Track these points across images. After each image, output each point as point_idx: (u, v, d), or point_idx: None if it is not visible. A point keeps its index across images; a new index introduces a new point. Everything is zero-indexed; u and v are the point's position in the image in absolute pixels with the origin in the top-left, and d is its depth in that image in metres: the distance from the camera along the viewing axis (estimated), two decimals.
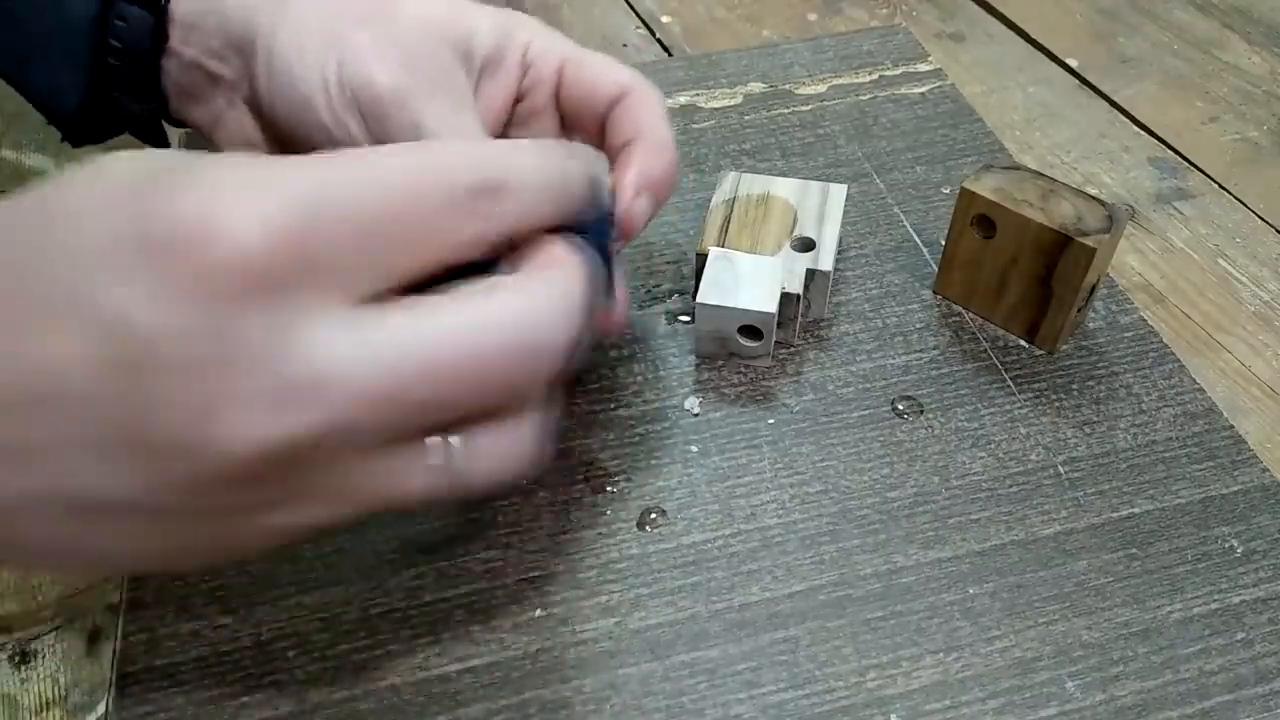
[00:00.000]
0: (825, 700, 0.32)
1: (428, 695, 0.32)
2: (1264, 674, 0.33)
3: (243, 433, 0.22)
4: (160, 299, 0.22)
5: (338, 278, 0.23)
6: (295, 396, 0.22)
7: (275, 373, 0.22)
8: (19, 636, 0.37)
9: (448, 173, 0.25)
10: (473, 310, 0.24)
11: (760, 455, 0.39)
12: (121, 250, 0.22)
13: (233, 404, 0.22)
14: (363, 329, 0.23)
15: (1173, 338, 0.45)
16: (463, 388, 0.24)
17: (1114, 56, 0.61)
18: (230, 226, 0.22)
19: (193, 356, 0.22)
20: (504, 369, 0.25)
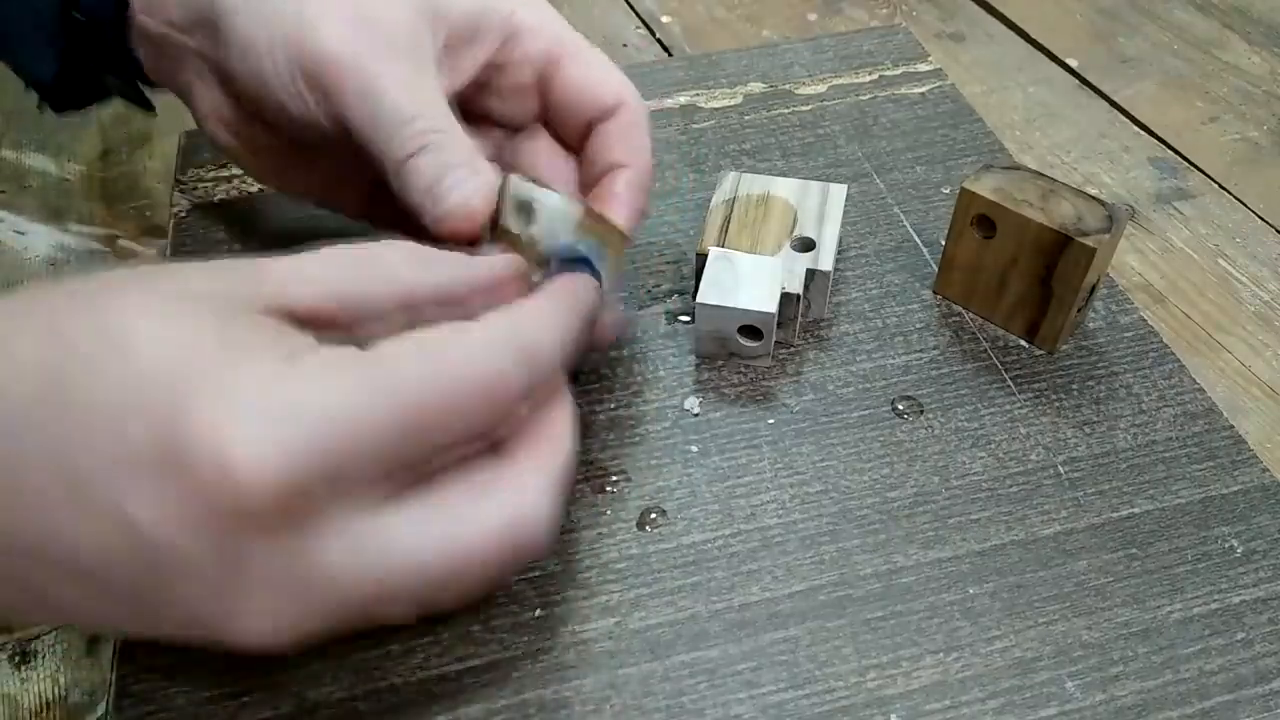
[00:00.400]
0: (825, 700, 0.32)
1: (428, 695, 0.32)
2: (1264, 674, 0.33)
3: (257, 635, 0.24)
4: (173, 518, 0.23)
5: (356, 490, 0.25)
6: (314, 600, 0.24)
7: (292, 584, 0.24)
8: (19, 636, 0.37)
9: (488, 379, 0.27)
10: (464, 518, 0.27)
11: (760, 455, 0.39)
12: (144, 466, 0.23)
13: (249, 614, 0.24)
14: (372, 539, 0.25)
15: (1173, 338, 0.45)
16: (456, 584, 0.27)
17: (1114, 56, 0.61)
18: (245, 457, 0.22)
19: (208, 575, 0.23)
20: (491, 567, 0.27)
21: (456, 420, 0.26)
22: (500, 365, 0.27)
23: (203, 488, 0.23)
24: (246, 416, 0.23)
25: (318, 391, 0.24)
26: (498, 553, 0.27)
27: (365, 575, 0.25)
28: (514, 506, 0.27)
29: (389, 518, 0.25)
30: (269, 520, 0.23)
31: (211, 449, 0.22)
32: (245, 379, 0.24)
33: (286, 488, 0.23)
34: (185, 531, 0.23)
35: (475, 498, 0.27)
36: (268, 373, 0.24)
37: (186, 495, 0.23)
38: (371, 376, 0.25)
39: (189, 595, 0.24)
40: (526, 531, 0.27)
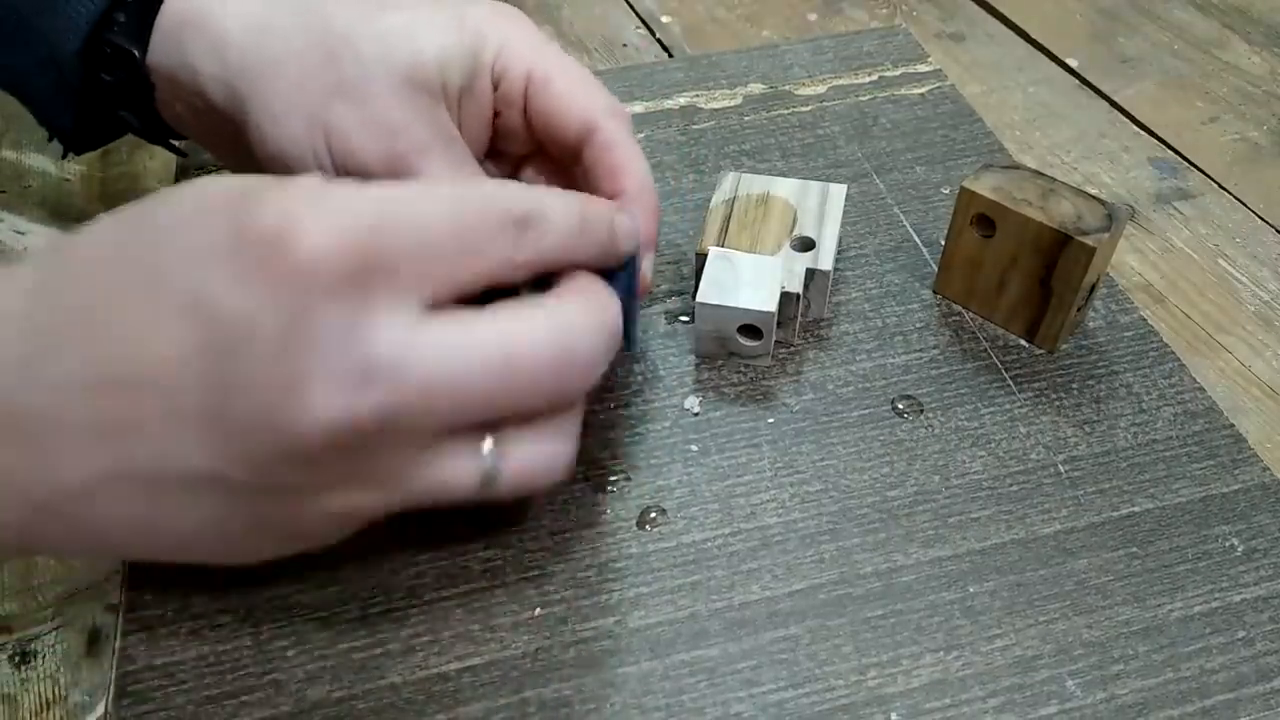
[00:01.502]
0: (825, 699, 0.32)
1: (427, 694, 0.32)
2: (1264, 672, 0.33)
3: (320, 409, 0.25)
4: (249, 290, 0.25)
5: (403, 281, 0.26)
6: (368, 379, 0.25)
7: (350, 357, 0.25)
8: (19, 636, 0.37)
9: (497, 202, 0.28)
10: (524, 319, 0.28)
11: (760, 454, 0.39)
12: (217, 250, 0.25)
13: (312, 383, 0.25)
14: (429, 327, 0.26)
15: (1173, 338, 0.45)
16: (515, 387, 0.27)
17: (1114, 56, 0.61)
18: (310, 230, 0.25)
19: (277, 340, 0.25)
20: (551, 373, 0.28)
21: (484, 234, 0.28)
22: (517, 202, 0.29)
23: (270, 255, 0.25)
24: (309, 202, 0.25)
25: (372, 194, 0.26)
26: (549, 360, 0.28)
27: (418, 359, 0.26)
28: (564, 321, 0.28)
29: (439, 319, 0.26)
30: (327, 284, 0.25)
31: (279, 226, 0.25)
32: (298, 184, 0.26)
33: (339, 255, 0.25)
34: (254, 297, 0.25)
35: (521, 312, 0.28)
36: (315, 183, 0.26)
37: (258, 266, 0.25)
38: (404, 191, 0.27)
39: (257, 374, 0.25)
40: (577, 347, 0.28)
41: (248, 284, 0.25)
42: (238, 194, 0.26)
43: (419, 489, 0.28)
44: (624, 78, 0.56)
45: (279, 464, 0.26)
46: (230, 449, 0.26)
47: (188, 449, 0.26)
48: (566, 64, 0.38)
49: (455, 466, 0.28)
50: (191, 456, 0.26)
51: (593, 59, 0.61)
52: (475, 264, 0.28)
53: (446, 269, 0.27)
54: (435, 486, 0.28)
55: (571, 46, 0.62)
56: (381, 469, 0.27)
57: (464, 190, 0.28)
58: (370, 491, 0.28)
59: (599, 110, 0.37)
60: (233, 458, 0.26)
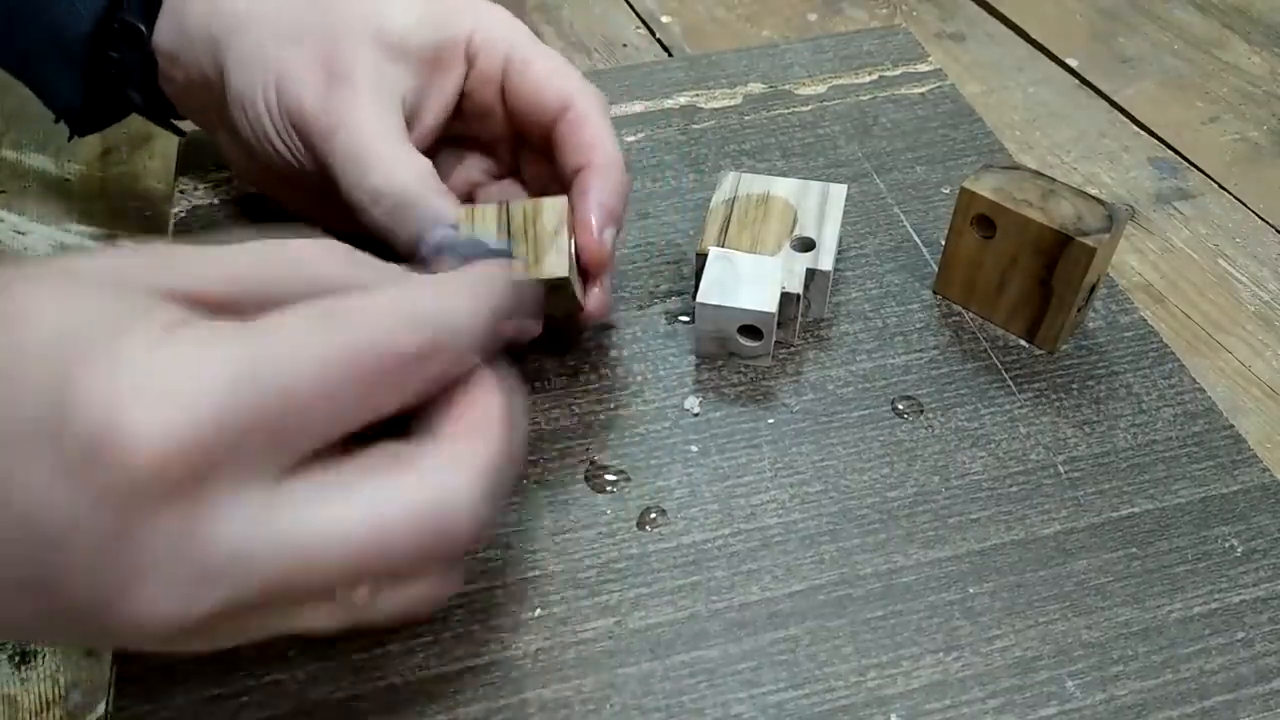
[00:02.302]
0: (825, 700, 0.32)
1: (428, 695, 0.32)
2: (1264, 673, 0.33)
3: (152, 613, 0.23)
4: (71, 500, 0.22)
5: (250, 465, 0.23)
6: (206, 580, 0.23)
7: (184, 563, 0.23)
8: None
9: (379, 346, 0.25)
10: (394, 486, 0.25)
11: (760, 455, 0.39)
12: (32, 438, 0.22)
13: (141, 592, 0.23)
14: (282, 503, 0.24)
15: (1173, 338, 0.45)
16: (368, 565, 0.25)
17: (1114, 56, 0.61)
18: (135, 435, 0.22)
19: (102, 551, 0.22)
20: (409, 549, 0.25)
21: (350, 387, 0.25)
22: (392, 332, 0.26)
23: (89, 461, 0.22)
24: (130, 389, 0.22)
25: (200, 361, 0.23)
26: (415, 533, 0.25)
27: (266, 550, 0.24)
28: (435, 486, 0.26)
29: (293, 493, 0.24)
30: (157, 492, 0.22)
31: (97, 422, 0.22)
32: (129, 351, 0.23)
33: (172, 459, 0.22)
34: (70, 506, 0.22)
35: (391, 475, 0.25)
36: (149, 344, 0.23)
37: (72, 468, 0.22)
38: (256, 345, 0.24)
39: (83, 574, 0.23)
40: (448, 513, 0.26)
41: (60, 491, 0.22)
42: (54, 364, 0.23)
43: (284, 631, 0.26)
44: (624, 78, 0.55)
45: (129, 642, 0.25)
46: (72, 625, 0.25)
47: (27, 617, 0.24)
48: (544, 49, 0.38)
49: (314, 618, 0.26)
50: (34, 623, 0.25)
51: (593, 59, 0.61)
52: (353, 418, 0.25)
53: (313, 433, 0.25)
54: (302, 630, 0.27)
55: (571, 46, 0.62)
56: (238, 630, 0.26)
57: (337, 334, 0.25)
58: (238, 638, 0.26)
59: (575, 89, 0.37)
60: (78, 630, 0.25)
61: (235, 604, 0.24)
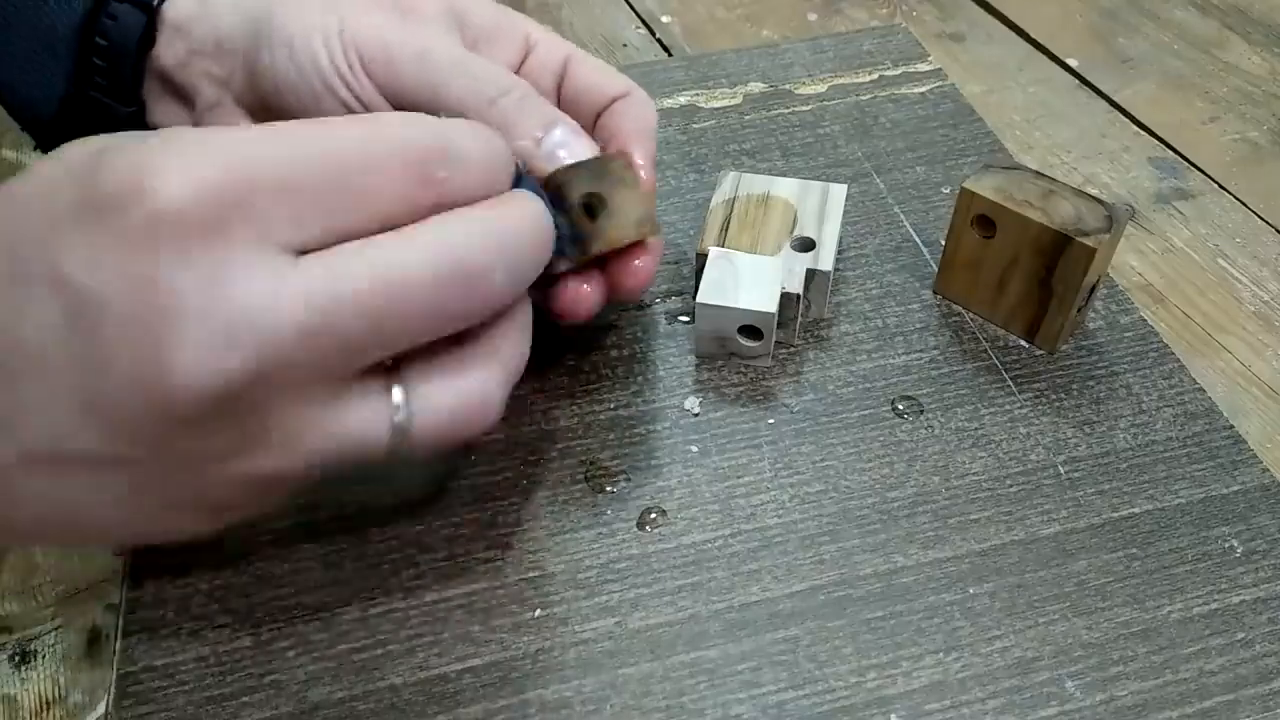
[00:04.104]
0: (825, 700, 0.32)
1: (428, 695, 0.32)
2: (1264, 674, 0.33)
3: (187, 374, 0.23)
4: (98, 257, 0.23)
5: (271, 227, 0.24)
6: (234, 336, 0.24)
7: (211, 315, 0.23)
8: (19, 636, 0.37)
9: (391, 141, 0.26)
10: (400, 243, 0.26)
11: (760, 455, 0.39)
12: (67, 217, 0.24)
13: (174, 349, 0.23)
14: (297, 270, 0.24)
15: (1173, 338, 0.45)
16: (398, 317, 0.26)
17: (1114, 56, 0.61)
18: (153, 183, 0.23)
19: (132, 307, 0.23)
20: (435, 295, 0.26)
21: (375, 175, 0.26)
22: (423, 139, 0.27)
23: (119, 213, 0.23)
24: (161, 150, 0.24)
25: (237, 133, 0.25)
26: (432, 281, 0.26)
27: (289, 304, 0.24)
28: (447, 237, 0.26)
29: (313, 259, 0.25)
30: (181, 234, 0.23)
31: (125, 181, 0.23)
32: (165, 134, 0.25)
33: (191, 199, 0.23)
34: (108, 266, 0.23)
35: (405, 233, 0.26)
36: (190, 132, 0.25)
37: (107, 227, 0.23)
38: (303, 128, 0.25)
39: (118, 345, 0.24)
40: (464, 261, 0.26)
41: (96, 249, 0.23)
42: (92, 153, 0.25)
43: (326, 446, 0.27)
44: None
45: (165, 435, 0.25)
46: (115, 426, 0.25)
47: (76, 430, 0.25)
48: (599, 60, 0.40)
49: (361, 418, 0.27)
50: (81, 438, 0.25)
51: None
52: (361, 206, 0.26)
53: (322, 211, 0.25)
54: (343, 442, 0.27)
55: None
56: (277, 427, 0.26)
57: (353, 128, 0.26)
58: (274, 453, 0.26)
59: (635, 86, 0.39)
60: (119, 434, 0.25)
61: (264, 366, 0.24)
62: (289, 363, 0.24)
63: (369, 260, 0.25)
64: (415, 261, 0.26)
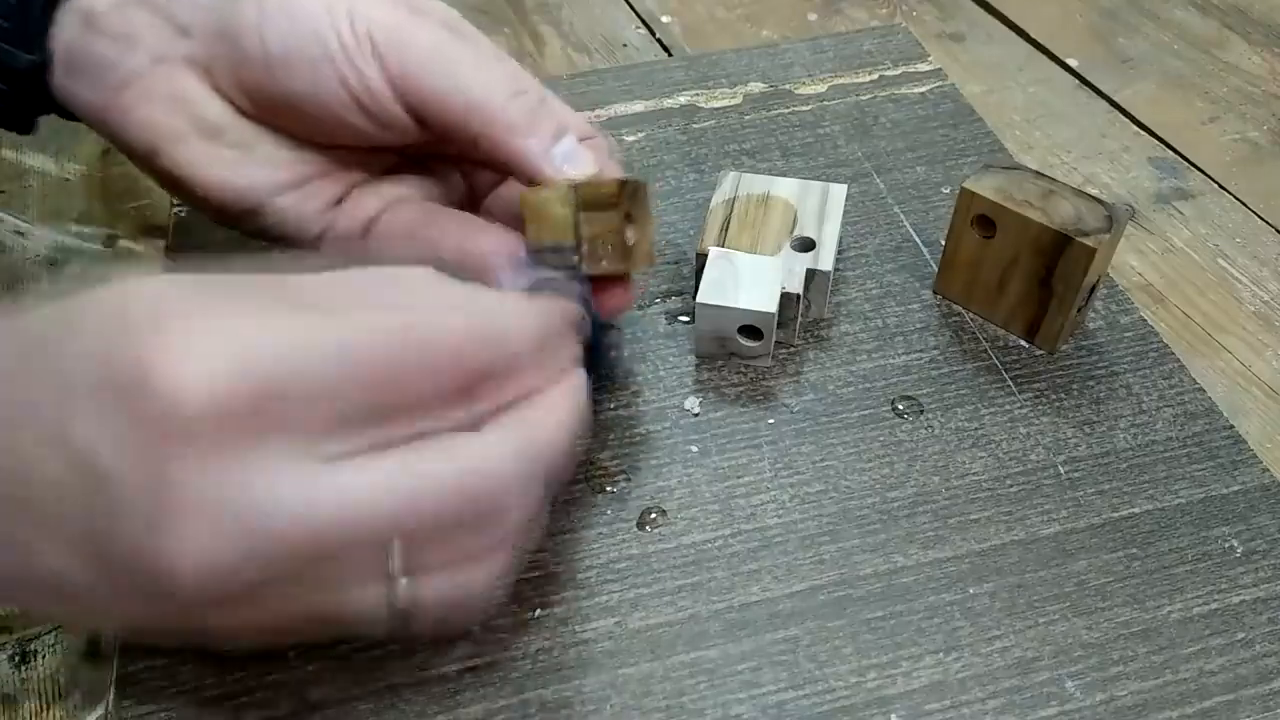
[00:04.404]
0: (825, 700, 0.32)
1: (428, 695, 0.32)
2: (1264, 674, 0.33)
3: (186, 558, 0.23)
4: (118, 441, 0.23)
5: (295, 428, 0.24)
6: (236, 529, 0.24)
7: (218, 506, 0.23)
8: (19, 636, 0.37)
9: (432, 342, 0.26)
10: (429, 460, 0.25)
11: (760, 455, 0.39)
12: (92, 391, 0.24)
13: (179, 533, 0.23)
14: (309, 474, 0.24)
15: (1173, 338, 0.45)
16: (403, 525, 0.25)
17: (1114, 56, 0.61)
18: (182, 374, 0.23)
19: (143, 492, 0.23)
20: (447, 511, 0.26)
21: (406, 371, 0.25)
22: (467, 331, 0.26)
23: (138, 403, 0.23)
24: (186, 337, 0.23)
25: (262, 322, 0.24)
26: (454, 495, 0.26)
27: (300, 505, 0.24)
28: (472, 459, 0.26)
29: (333, 460, 0.25)
30: (202, 439, 0.23)
31: (148, 366, 0.23)
32: (189, 308, 0.24)
33: (214, 406, 0.23)
34: (122, 449, 0.23)
35: (431, 454, 0.26)
36: (213, 305, 0.24)
37: (123, 412, 0.23)
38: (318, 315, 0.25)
39: (127, 510, 0.24)
40: (489, 478, 0.26)
41: (110, 431, 0.23)
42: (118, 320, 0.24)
43: (322, 623, 0.27)
44: (624, 77, 0.55)
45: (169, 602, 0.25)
46: (118, 584, 0.25)
47: (78, 574, 0.25)
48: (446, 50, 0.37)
49: (362, 604, 0.26)
50: (84, 578, 0.25)
51: (593, 59, 0.61)
52: (395, 419, 0.25)
53: (350, 422, 0.25)
54: (340, 621, 0.27)
55: (571, 46, 0.62)
56: (280, 606, 0.26)
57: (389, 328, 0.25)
58: (273, 623, 0.26)
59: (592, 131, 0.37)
60: (122, 592, 0.25)
61: (269, 560, 0.24)
62: (284, 564, 0.24)
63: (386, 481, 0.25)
64: (437, 487, 0.25)
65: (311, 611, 0.26)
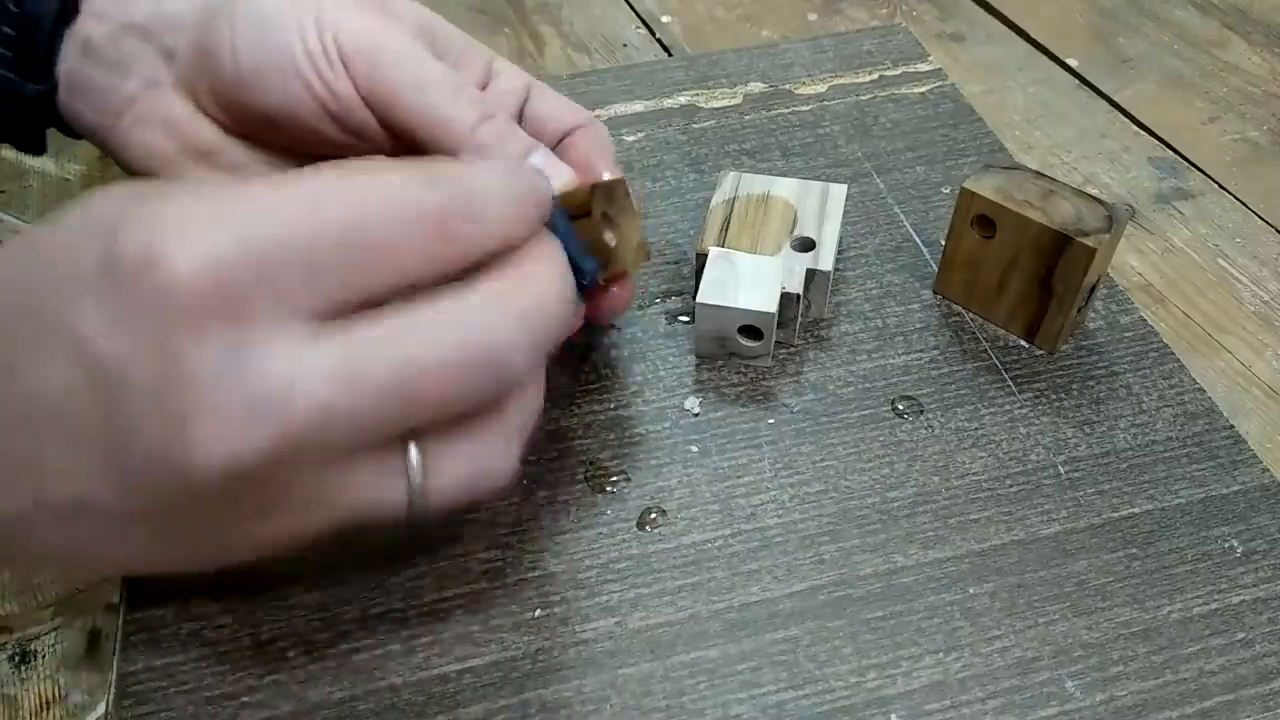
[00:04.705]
0: (825, 700, 0.32)
1: (428, 695, 0.32)
2: (1264, 674, 0.33)
3: (208, 448, 0.23)
4: (120, 325, 0.23)
5: (290, 299, 0.24)
6: (254, 412, 0.23)
7: (232, 391, 0.23)
8: (19, 636, 0.37)
9: (414, 200, 0.25)
10: (425, 320, 0.25)
11: (760, 455, 0.39)
12: (88, 280, 0.23)
13: (195, 423, 0.23)
14: (319, 345, 0.24)
15: (1173, 338, 0.45)
16: (419, 398, 0.25)
17: (1114, 56, 0.61)
18: (172, 255, 0.23)
19: (155, 377, 0.23)
20: (458, 377, 0.26)
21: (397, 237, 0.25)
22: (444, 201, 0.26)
23: (136, 286, 0.23)
24: (178, 220, 0.23)
25: (247, 197, 0.24)
26: (459, 360, 0.26)
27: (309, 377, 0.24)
28: (471, 316, 0.26)
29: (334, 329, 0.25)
30: (200, 314, 0.23)
31: (142, 246, 0.23)
32: (182, 194, 0.24)
33: (210, 277, 0.23)
34: (127, 335, 0.23)
35: (430, 308, 0.26)
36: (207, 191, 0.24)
37: (125, 297, 0.23)
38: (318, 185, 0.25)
39: (139, 414, 0.23)
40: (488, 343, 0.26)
41: (116, 318, 0.23)
42: (110, 214, 0.24)
43: (345, 510, 0.27)
44: (624, 77, 0.55)
45: (186, 501, 0.25)
46: (135, 488, 0.25)
47: (97, 486, 0.25)
48: None
49: (379, 484, 0.26)
50: (101, 493, 0.25)
51: (593, 59, 0.61)
52: (383, 269, 0.25)
53: (342, 277, 0.25)
54: (361, 506, 0.27)
55: (571, 46, 0.62)
56: (298, 494, 0.26)
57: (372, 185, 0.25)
58: (292, 517, 0.26)
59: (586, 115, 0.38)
60: (140, 495, 0.25)
61: (284, 443, 0.24)
62: (307, 440, 0.24)
63: (390, 341, 0.25)
64: (438, 343, 0.25)
65: (328, 499, 0.26)
